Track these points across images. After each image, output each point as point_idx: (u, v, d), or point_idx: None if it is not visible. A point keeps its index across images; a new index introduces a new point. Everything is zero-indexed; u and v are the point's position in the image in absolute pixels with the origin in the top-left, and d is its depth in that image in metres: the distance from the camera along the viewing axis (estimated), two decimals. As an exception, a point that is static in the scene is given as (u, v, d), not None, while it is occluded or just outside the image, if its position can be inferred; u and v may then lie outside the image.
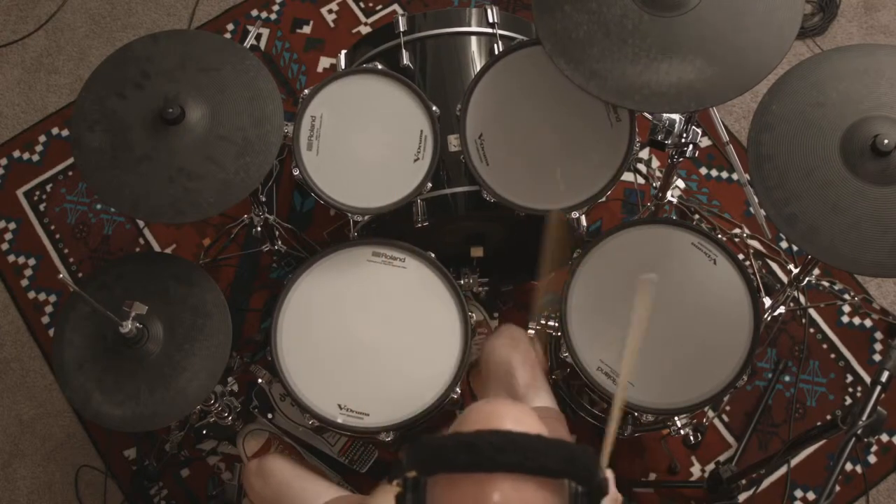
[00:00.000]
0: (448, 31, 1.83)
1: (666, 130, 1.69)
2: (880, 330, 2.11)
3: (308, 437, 1.96)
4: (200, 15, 2.49)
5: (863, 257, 1.32)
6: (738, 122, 2.31)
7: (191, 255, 2.20)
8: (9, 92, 2.43)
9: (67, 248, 2.25)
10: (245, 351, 2.08)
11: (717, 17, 1.38)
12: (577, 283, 1.60)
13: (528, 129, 1.63)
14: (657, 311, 1.58)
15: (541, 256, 1.44)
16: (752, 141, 1.39)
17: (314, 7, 2.48)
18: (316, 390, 1.58)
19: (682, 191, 2.22)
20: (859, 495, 1.97)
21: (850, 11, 2.42)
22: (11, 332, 2.19)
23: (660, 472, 1.99)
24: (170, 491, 2.02)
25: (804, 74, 1.41)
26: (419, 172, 1.64)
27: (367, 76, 1.69)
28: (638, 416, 1.58)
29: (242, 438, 1.94)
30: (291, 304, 1.64)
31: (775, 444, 2.01)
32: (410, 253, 1.66)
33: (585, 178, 1.61)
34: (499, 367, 1.59)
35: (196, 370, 1.49)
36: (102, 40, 2.48)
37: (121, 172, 1.50)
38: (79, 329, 1.53)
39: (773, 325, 2.08)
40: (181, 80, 1.54)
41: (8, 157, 2.35)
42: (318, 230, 2.23)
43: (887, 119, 1.36)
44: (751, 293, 1.57)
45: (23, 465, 2.08)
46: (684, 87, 1.36)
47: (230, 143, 1.51)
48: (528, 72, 1.63)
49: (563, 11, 1.43)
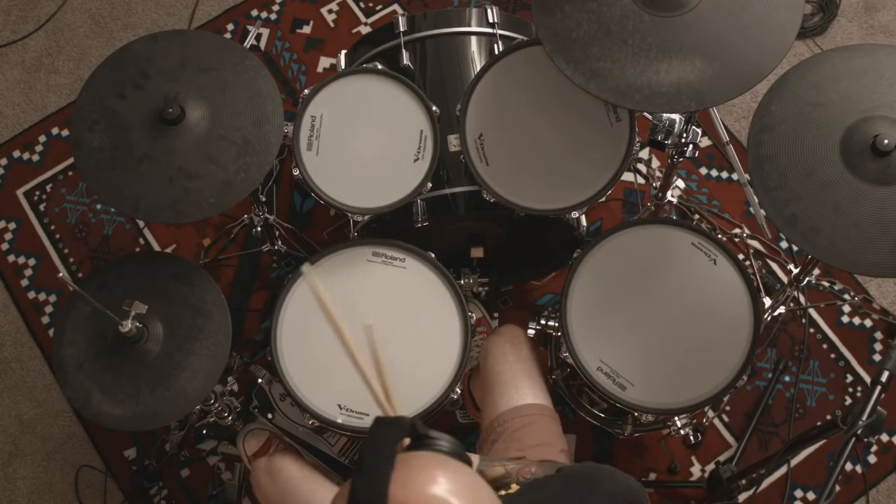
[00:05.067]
0: (448, 31, 1.83)
1: (666, 130, 1.69)
2: (880, 330, 2.11)
3: (308, 437, 1.96)
4: (200, 15, 2.49)
5: (863, 257, 1.32)
6: (738, 122, 2.31)
7: (191, 255, 2.20)
8: (9, 92, 2.43)
9: (67, 248, 2.25)
10: (245, 351, 2.08)
11: (718, 17, 1.38)
12: (577, 283, 1.60)
13: (528, 129, 1.63)
14: (658, 311, 1.58)
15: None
16: (752, 141, 1.39)
17: (314, 7, 2.48)
18: (316, 390, 1.58)
19: (682, 191, 2.22)
20: (859, 495, 1.97)
21: (850, 11, 2.42)
22: (11, 332, 2.19)
23: (660, 472, 1.99)
24: (170, 491, 2.02)
25: (804, 74, 1.41)
26: (419, 172, 1.64)
27: (367, 76, 1.69)
28: (638, 416, 1.58)
29: (242, 438, 1.94)
30: (291, 304, 1.64)
31: (775, 444, 2.01)
32: (410, 253, 1.66)
33: (585, 178, 1.61)
34: (495, 366, 1.59)
35: (196, 370, 1.49)
36: (102, 40, 2.48)
37: (121, 172, 1.50)
38: (79, 329, 1.53)
39: (773, 325, 2.08)
40: (181, 80, 1.54)
41: (8, 157, 2.35)
42: (318, 230, 2.23)
43: (887, 119, 1.36)
44: (751, 293, 1.57)
45: (23, 465, 2.08)
46: (684, 87, 1.36)
47: (230, 143, 1.51)
48: (528, 72, 1.63)
49: (563, 11, 1.43)
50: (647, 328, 1.57)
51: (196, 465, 2.04)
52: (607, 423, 1.87)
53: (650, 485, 1.98)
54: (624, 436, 1.82)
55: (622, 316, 1.59)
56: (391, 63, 1.78)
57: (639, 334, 1.57)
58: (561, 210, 1.61)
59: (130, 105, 1.53)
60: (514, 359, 1.59)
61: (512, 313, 2.14)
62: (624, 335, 1.58)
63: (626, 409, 1.56)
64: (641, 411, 1.54)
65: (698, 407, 1.54)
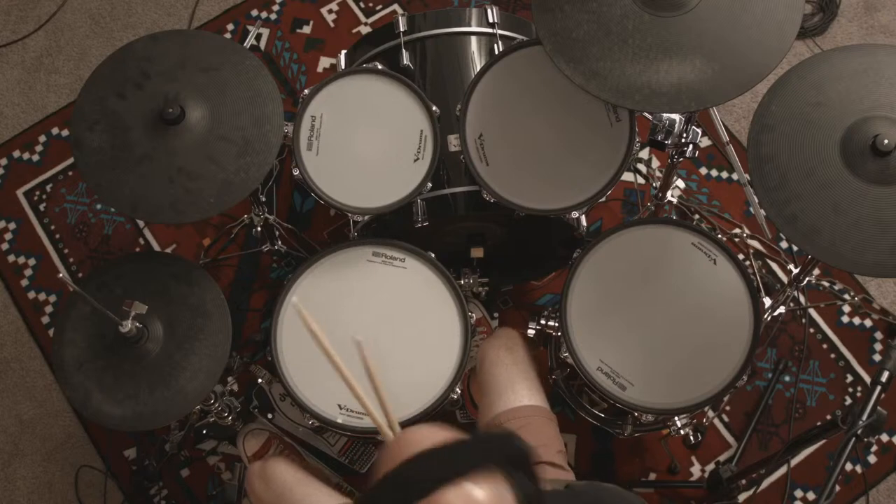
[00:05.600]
0: (448, 31, 1.82)
1: (666, 130, 1.69)
2: (880, 330, 2.11)
3: (308, 437, 1.96)
4: (200, 15, 2.49)
5: (863, 257, 1.32)
6: (738, 122, 2.31)
7: (191, 255, 2.20)
8: (9, 92, 2.43)
9: (67, 248, 2.25)
10: (245, 351, 2.08)
11: (718, 17, 1.38)
12: (577, 283, 1.60)
13: (528, 129, 1.63)
14: (658, 311, 1.58)
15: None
16: (752, 141, 1.39)
17: (314, 7, 2.48)
18: (316, 390, 1.58)
19: (682, 191, 2.22)
20: (859, 495, 1.97)
21: (850, 11, 2.42)
22: (11, 332, 2.19)
23: (660, 472, 1.99)
24: (170, 491, 2.02)
25: (804, 74, 1.41)
26: (419, 172, 1.64)
27: (367, 76, 1.69)
28: (638, 416, 1.58)
29: (243, 438, 1.94)
30: (291, 304, 1.64)
31: (775, 444, 2.01)
32: (410, 253, 1.66)
33: (585, 178, 1.61)
34: (491, 368, 1.59)
35: (196, 370, 1.49)
36: (102, 40, 2.48)
37: (121, 172, 1.50)
38: (79, 329, 1.53)
39: (773, 325, 2.08)
40: (181, 80, 1.54)
41: (8, 157, 2.35)
42: (318, 230, 2.23)
43: (887, 119, 1.36)
44: (751, 293, 1.57)
45: (23, 465, 2.08)
46: (684, 87, 1.36)
47: (230, 143, 1.51)
48: (528, 72, 1.63)
49: (563, 11, 1.43)
50: (647, 328, 1.57)
51: (196, 465, 2.04)
52: (607, 423, 1.87)
53: (650, 485, 1.98)
54: (624, 436, 1.82)
55: (622, 316, 1.59)
56: (391, 63, 1.78)
57: (639, 334, 1.57)
58: (561, 210, 1.61)
59: (130, 105, 1.53)
60: (510, 361, 1.58)
61: (512, 313, 2.14)
62: (624, 335, 1.58)
63: (626, 409, 1.56)
64: (641, 411, 1.54)
65: (698, 407, 1.54)
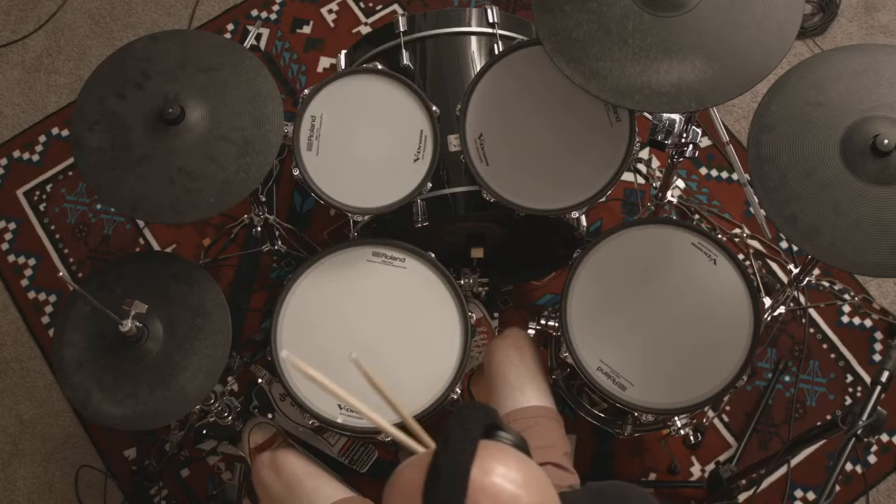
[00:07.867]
0: (448, 31, 1.82)
1: (666, 130, 1.69)
2: (880, 330, 2.11)
3: (308, 437, 1.96)
4: (200, 15, 2.49)
5: (863, 257, 1.32)
6: (738, 122, 2.31)
7: (191, 255, 2.20)
8: (9, 92, 2.43)
9: (67, 248, 2.25)
10: (245, 351, 2.08)
11: (718, 17, 1.38)
12: (577, 283, 1.60)
13: (528, 129, 1.63)
14: (658, 311, 1.58)
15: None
16: (752, 141, 1.39)
17: (314, 7, 2.48)
18: (316, 390, 1.58)
19: (682, 191, 2.22)
20: (859, 495, 1.97)
21: (850, 11, 2.42)
22: (11, 332, 2.19)
23: (660, 472, 1.99)
24: (170, 491, 2.02)
25: (804, 74, 1.41)
26: (419, 172, 1.64)
27: (367, 76, 1.69)
28: (638, 416, 1.58)
29: (249, 429, 1.94)
30: (291, 304, 1.64)
31: (775, 444, 2.01)
32: (410, 253, 1.66)
33: (585, 178, 1.61)
34: (499, 368, 1.59)
35: (196, 369, 1.49)
36: (102, 40, 2.48)
37: (121, 172, 1.50)
38: (79, 328, 1.53)
39: (773, 325, 2.08)
40: (181, 80, 1.54)
41: (8, 157, 2.35)
42: (318, 230, 2.23)
43: (887, 119, 1.36)
44: (751, 293, 1.57)
45: (23, 465, 2.08)
46: (684, 87, 1.36)
47: (230, 143, 1.51)
48: (528, 72, 1.63)
49: (563, 11, 1.43)
50: (647, 328, 1.57)
51: (196, 465, 2.04)
52: (607, 423, 1.87)
53: (650, 485, 1.98)
54: (624, 436, 1.82)
55: (622, 316, 1.59)
56: (391, 63, 1.78)
57: (639, 334, 1.57)
58: (561, 210, 1.61)
59: (130, 105, 1.53)
60: (518, 361, 1.58)
61: (512, 313, 2.14)
62: (624, 335, 1.58)
63: (626, 409, 1.56)
64: (641, 411, 1.54)
65: (698, 407, 1.54)
